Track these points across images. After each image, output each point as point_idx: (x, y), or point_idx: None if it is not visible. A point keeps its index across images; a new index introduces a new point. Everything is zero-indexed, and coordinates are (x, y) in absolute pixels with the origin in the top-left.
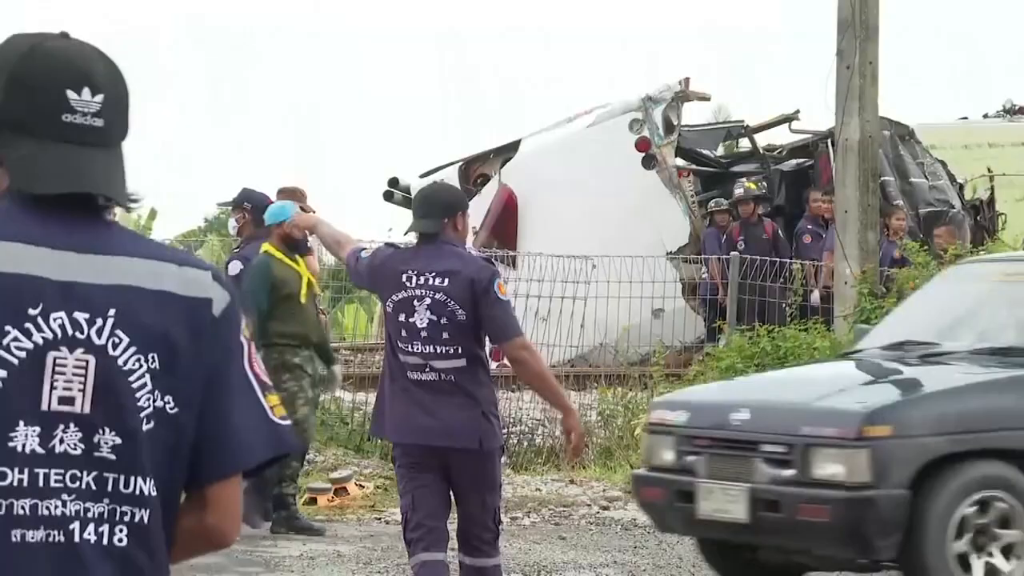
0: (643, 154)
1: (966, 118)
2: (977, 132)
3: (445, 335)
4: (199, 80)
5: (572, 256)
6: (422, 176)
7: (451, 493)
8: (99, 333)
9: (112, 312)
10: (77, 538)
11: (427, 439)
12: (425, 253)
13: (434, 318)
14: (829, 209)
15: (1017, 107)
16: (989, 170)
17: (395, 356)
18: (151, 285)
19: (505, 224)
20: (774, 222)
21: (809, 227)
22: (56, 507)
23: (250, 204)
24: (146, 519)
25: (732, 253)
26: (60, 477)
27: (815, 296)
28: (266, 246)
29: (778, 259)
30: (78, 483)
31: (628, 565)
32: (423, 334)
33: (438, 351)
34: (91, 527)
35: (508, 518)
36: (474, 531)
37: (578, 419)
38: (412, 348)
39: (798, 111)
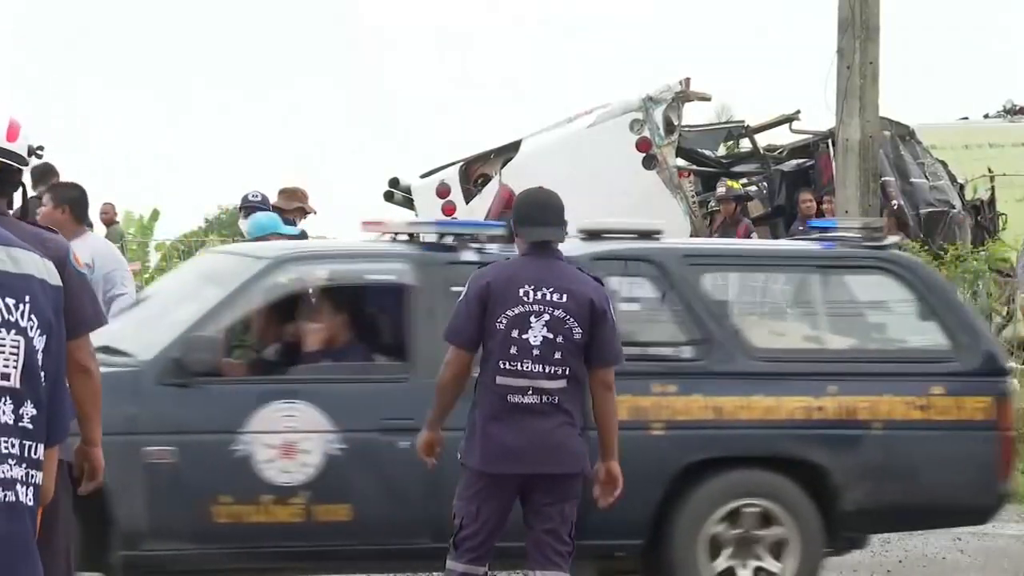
0: (644, 154)
1: (966, 118)
2: (977, 132)
3: (557, 354)
4: (199, 80)
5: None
6: (422, 176)
7: (518, 509)
8: (23, 317)
9: (27, 298)
10: (20, 498)
11: (532, 467)
12: (537, 265)
13: (550, 336)
14: (829, 210)
15: (1017, 107)
16: (989, 170)
17: (493, 380)
18: (37, 273)
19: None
20: (749, 224)
21: (800, 228)
22: (6, 471)
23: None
24: (40, 481)
25: None
26: (5, 445)
27: None
28: None
29: None
30: (14, 449)
31: None
32: (535, 352)
33: (547, 371)
34: (22, 489)
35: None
36: (551, 544)
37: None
38: (521, 367)
39: (798, 111)
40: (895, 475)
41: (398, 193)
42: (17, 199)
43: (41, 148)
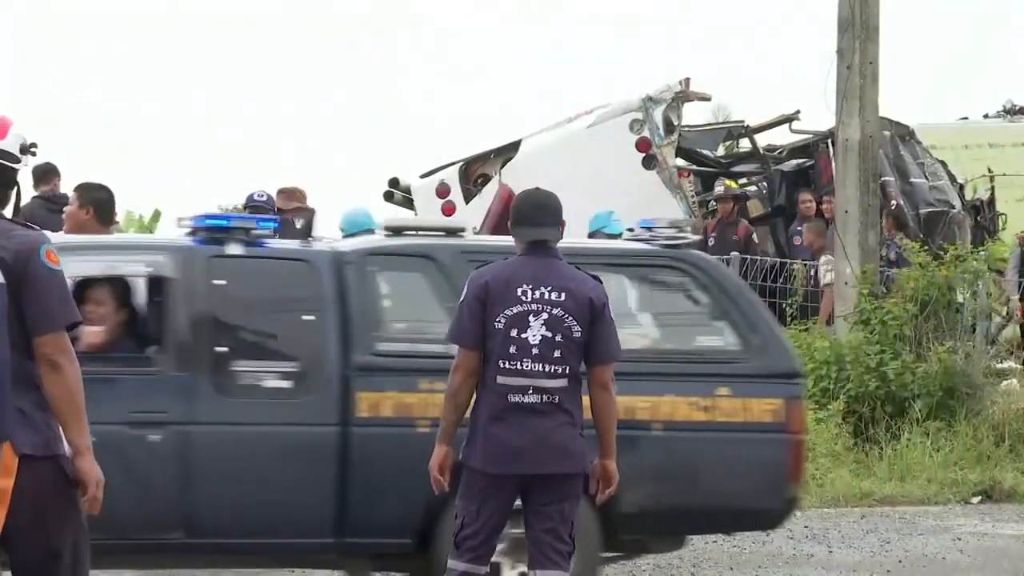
0: (643, 154)
1: (966, 118)
2: (977, 132)
3: (557, 353)
4: (199, 80)
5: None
6: (422, 176)
7: (518, 508)
8: None
9: None
10: None
11: (533, 467)
12: (535, 265)
13: (549, 334)
14: (829, 210)
15: (1017, 107)
16: (989, 170)
17: (493, 380)
18: None
19: (505, 224)
20: (750, 225)
21: (799, 229)
22: None
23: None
24: None
25: (733, 253)
26: None
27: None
28: None
29: (779, 259)
30: None
31: (628, 565)
32: (535, 351)
33: (547, 370)
34: None
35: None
36: (551, 543)
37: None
38: (521, 366)
39: (798, 111)
40: (677, 477)
41: (398, 193)
42: (12, 198)
43: (34, 146)
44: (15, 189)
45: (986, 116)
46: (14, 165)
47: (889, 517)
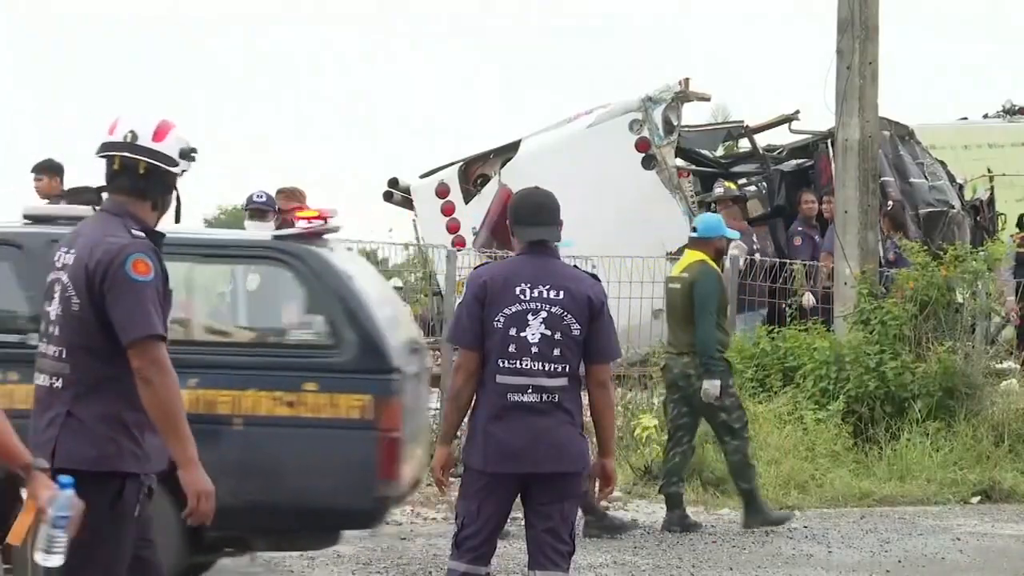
0: (643, 154)
1: (966, 118)
2: (977, 132)
3: (556, 351)
4: (199, 80)
5: (572, 256)
6: (422, 176)
7: (517, 508)
8: None
9: None
10: None
11: (532, 466)
12: (534, 264)
13: (548, 333)
14: (828, 210)
15: (1017, 107)
16: (989, 170)
17: (492, 379)
18: None
19: (505, 224)
20: (750, 226)
21: (800, 229)
22: None
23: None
24: None
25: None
26: None
27: (807, 298)
28: (704, 256)
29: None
30: None
31: (628, 565)
32: (534, 350)
33: (547, 368)
34: None
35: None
36: (552, 543)
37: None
38: (520, 365)
39: (798, 111)
40: (258, 473)
41: (397, 193)
42: (172, 202)
43: (195, 150)
44: (174, 195)
45: (986, 116)
46: (172, 169)
47: (889, 517)
